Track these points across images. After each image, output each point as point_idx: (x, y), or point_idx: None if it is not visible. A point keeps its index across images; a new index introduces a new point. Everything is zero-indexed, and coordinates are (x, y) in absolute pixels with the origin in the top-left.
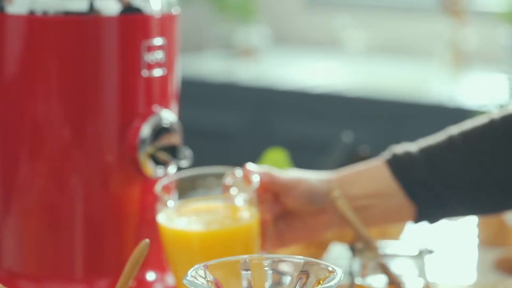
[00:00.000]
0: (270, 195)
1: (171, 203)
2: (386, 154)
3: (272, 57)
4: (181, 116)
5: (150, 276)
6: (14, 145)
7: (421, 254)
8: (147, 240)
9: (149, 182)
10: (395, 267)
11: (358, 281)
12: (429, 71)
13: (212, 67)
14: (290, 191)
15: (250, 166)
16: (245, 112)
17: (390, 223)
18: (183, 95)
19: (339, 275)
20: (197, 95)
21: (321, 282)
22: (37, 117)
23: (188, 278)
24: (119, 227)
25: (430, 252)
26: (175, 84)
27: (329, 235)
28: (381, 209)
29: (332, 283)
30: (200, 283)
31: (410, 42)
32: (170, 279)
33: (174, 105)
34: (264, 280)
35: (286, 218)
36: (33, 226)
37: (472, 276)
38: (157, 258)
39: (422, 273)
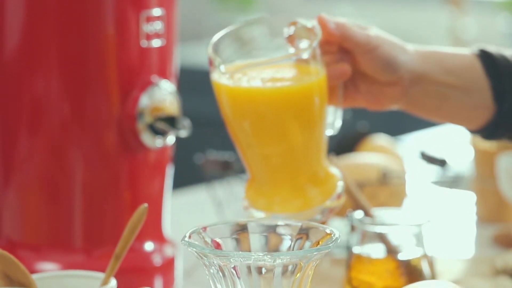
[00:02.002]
0: (336, 48)
1: (222, 67)
2: (472, 50)
3: None
4: (181, 105)
5: (148, 246)
6: (14, 119)
7: (419, 223)
8: (145, 205)
9: (147, 153)
10: (393, 236)
11: (356, 250)
12: None
13: None
14: (366, 53)
15: (324, 15)
16: None
17: (458, 123)
18: (182, 84)
19: (337, 236)
20: (197, 84)
21: (319, 243)
22: (36, 90)
23: (186, 239)
24: (118, 197)
25: (429, 221)
26: (174, 55)
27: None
28: (459, 104)
29: (330, 244)
30: (198, 244)
31: (410, 31)
32: (168, 249)
33: (173, 76)
34: (263, 242)
35: (353, 78)
36: (33, 198)
37: (470, 250)
38: (155, 228)
39: (420, 243)
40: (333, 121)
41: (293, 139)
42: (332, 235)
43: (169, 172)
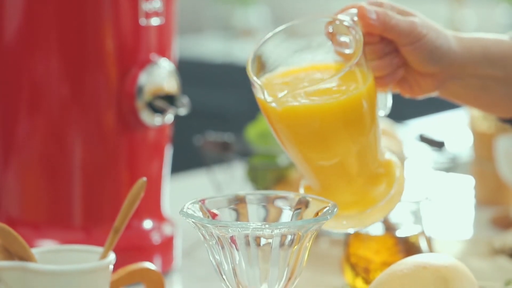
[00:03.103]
0: (377, 38)
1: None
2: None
3: None
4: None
5: (147, 224)
6: (13, 100)
7: (417, 200)
8: (144, 178)
9: (146, 131)
10: (392, 214)
11: None
12: None
13: (211, 48)
14: (409, 44)
15: (365, 6)
16: (244, 92)
17: (493, 112)
18: (182, 76)
19: (335, 208)
20: (196, 76)
21: (318, 213)
22: (35, 70)
23: (184, 209)
24: (117, 175)
25: (427, 199)
26: (172, 33)
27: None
28: (497, 95)
29: (328, 215)
30: (197, 215)
31: None
32: (167, 228)
33: (172, 54)
34: (261, 215)
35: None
36: (32, 177)
37: (468, 232)
38: (154, 207)
39: (418, 220)
40: (384, 103)
41: (349, 147)
42: (330, 207)
43: (168, 151)
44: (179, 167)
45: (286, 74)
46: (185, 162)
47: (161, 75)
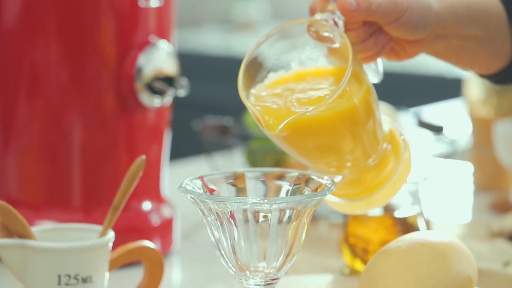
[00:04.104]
0: (360, 23)
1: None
2: None
3: None
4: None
5: (146, 205)
6: (13, 82)
7: (415, 181)
8: (143, 156)
9: (146, 113)
10: None
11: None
12: None
13: (211, 41)
14: (393, 21)
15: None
16: None
17: (472, 69)
18: (181, 69)
19: (333, 185)
20: (196, 69)
21: (317, 190)
22: (34, 53)
23: (183, 185)
24: (116, 157)
25: (425, 179)
26: (172, 15)
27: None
28: (478, 53)
29: (326, 191)
30: (196, 191)
31: None
32: (166, 210)
33: (171, 36)
34: (260, 192)
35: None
36: (32, 159)
37: (467, 216)
38: (153, 188)
39: (416, 201)
40: (376, 70)
41: (353, 144)
42: (328, 183)
43: (167, 134)
44: (178, 155)
45: (275, 83)
46: (184, 150)
47: (160, 57)
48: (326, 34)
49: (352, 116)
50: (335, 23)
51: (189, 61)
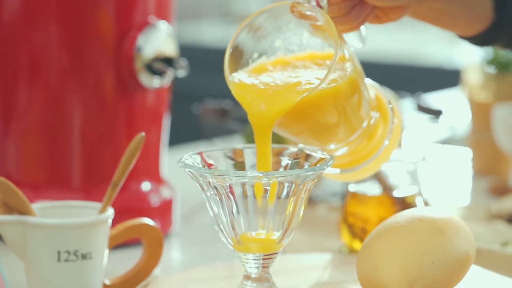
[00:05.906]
0: None
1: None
2: None
3: None
4: (179, 83)
5: (145, 186)
6: (13, 63)
7: (414, 161)
8: (142, 133)
9: (145, 93)
10: (388, 174)
11: (352, 188)
12: (427, 34)
13: (211, 34)
14: None
15: None
16: None
17: (453, 31)
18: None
19: (331, 160)
20: (196, 62)
21: (316, 164)
22: (34, 36)
23: (182, 160)
24: (116, 138)
25: (423, 159)
26: None
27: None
28: (459, 15)
29: (324, 166)
30: (196, 166)
31: None
32: (166, 191)
33: (171, 16)
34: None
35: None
36: (33, 141)
37: (466, 199)
38: (152, 169)
39: (415, 181)
40: (360, 36)
41: (346, 118)
42: (327, 159)
43: (166, 116)
44: (178, 141)
45: (258, 69)
46: (184, 136)
47: (159, 38)
48: (308, 12)
49: (345, 92)
50: (318, 3)
51: (189, 53)
